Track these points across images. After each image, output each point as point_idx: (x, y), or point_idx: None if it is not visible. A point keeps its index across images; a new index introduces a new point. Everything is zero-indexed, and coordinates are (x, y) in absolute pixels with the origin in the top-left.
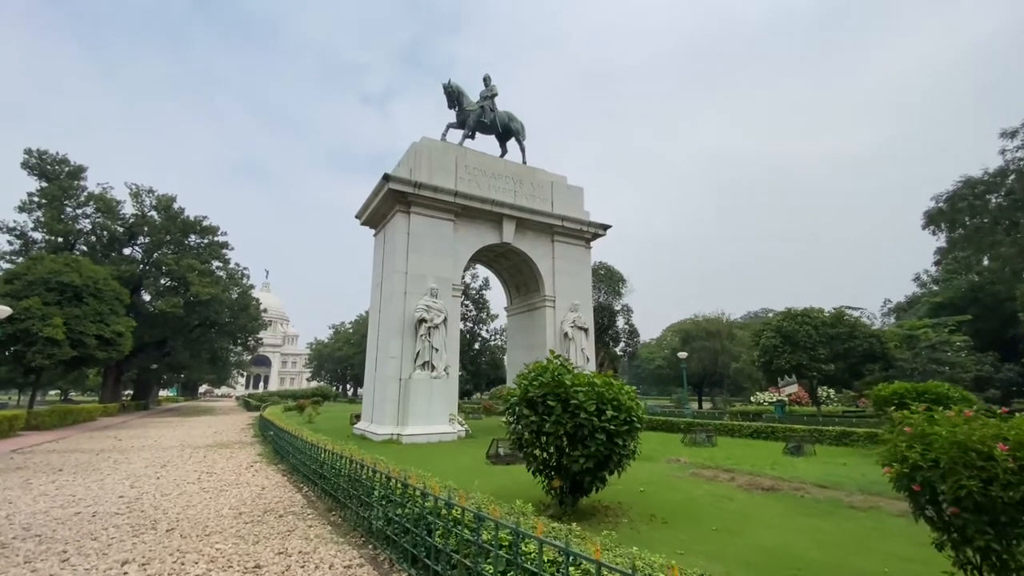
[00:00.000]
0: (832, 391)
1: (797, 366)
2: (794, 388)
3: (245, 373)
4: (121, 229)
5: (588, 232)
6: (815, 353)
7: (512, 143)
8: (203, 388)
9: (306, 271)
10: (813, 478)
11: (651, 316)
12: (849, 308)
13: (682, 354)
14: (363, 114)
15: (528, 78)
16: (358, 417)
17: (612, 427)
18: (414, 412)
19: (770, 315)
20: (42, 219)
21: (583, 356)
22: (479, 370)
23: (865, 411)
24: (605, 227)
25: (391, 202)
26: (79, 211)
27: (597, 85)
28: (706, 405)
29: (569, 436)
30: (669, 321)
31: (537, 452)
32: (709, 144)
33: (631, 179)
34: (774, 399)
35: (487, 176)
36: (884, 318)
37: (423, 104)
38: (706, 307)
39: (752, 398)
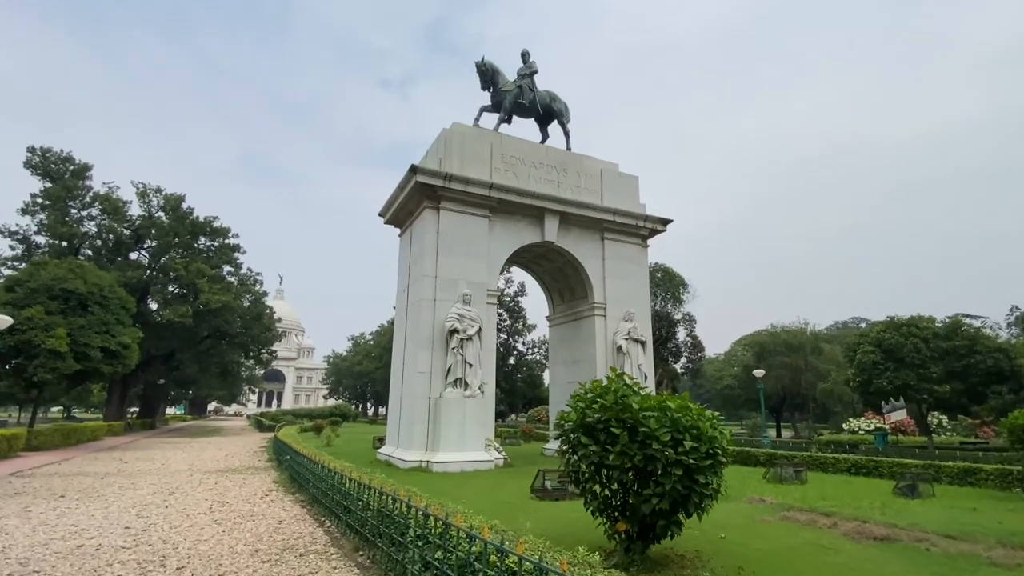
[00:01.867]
0: (944, 417)
1: (902, 387)
2: (902, 414)
3: (257, 389)
4: (127, 232)
5: (644, 228)
6: (925, 371)
7: (554, 127)
8: (212, 405)
9: (323, 277)
10: (937, 526)
11: (715, 327)
12: (967, 317)
13: (758, 372)
14: (384, 101)
15: (561, 54)
16: (382, 440)
17: (691, 461)
18: (446, 436)
19: (863, 325)
20: (45, 222)
21: (640, 373)
22: (514, 388)
23: (989, 442)
24: (665, 221)
25: (418, 197)
26: (84, 212)
27: (637, 60)
28: (786, 433)
29: (638, 471)
30: (737, 332)
31: (598, 489)
32: (770, 124)
33: (678, 165)
34: (872, 426)
35: (526, 165)
36: (1012, 329)
37: (450, 88)
38: (781, 315)
39: (845, 425)
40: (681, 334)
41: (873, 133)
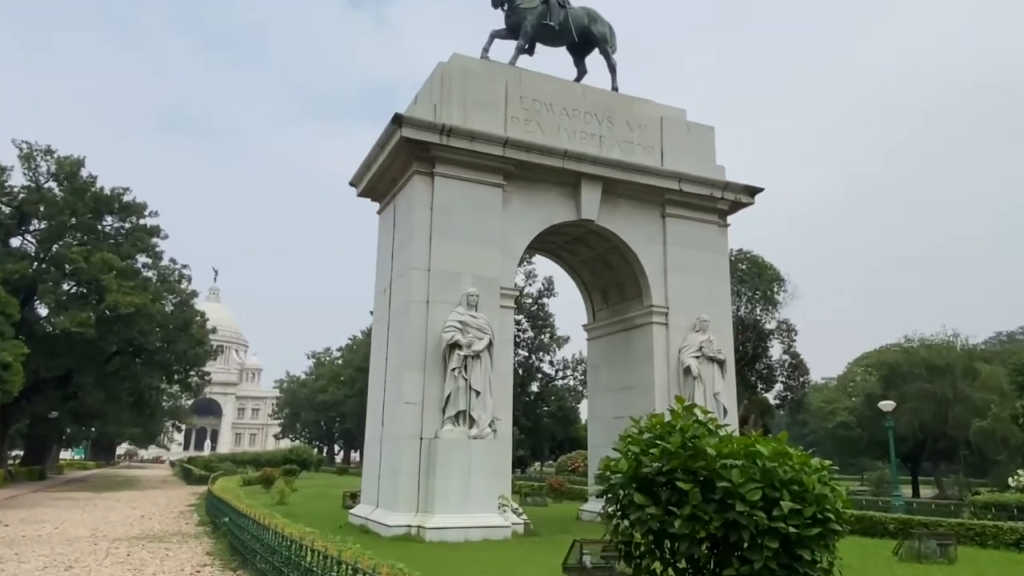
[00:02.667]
0: None
1: None
2: None
3: (184, 426)
4: (7, 209)
5: (724, 200)
6: None
7: (595, 59)
8: (123, 448)
9: (275, 271)
10: None
11: (824, 339)
12: None
13: (886, 404)
14: (354, 25)
15: None
16: (355, 497)
17: (791, 529)
18: (444, 492)
19: None
20: None
21: (718, 405)
22: (539, 426)
23: None
24: (752, 191)
25: (404, 159)
26: None
27: None
28: (927, 491)
29: (715, 542)
30: (855, 348)
31: (658, 567)
32: (907, 53)
33: (769, 114)
34: None
35: (555, 113)
36: None
37: (447, 4)
38: (918, 324)
39: (1012, 480)
40: (775, 350)
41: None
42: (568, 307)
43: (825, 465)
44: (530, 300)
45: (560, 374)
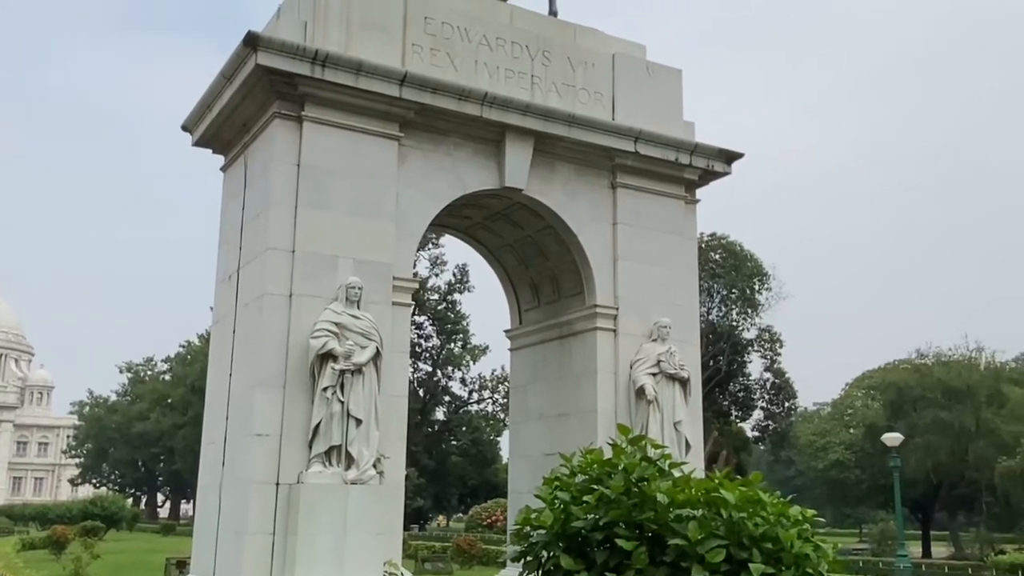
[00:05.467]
0: None
1: None
2: None
3: None
4: None
5: (693, 168)
6: None
7: None
8: None
9: (72, 254)
10: None
11: (817, 353)
12: None
13: (891, 438)
14: None
15: None
16: (184, 567)
17: None
18: (308, 559)
19: None
20: None
21: (677, 438)
22: (445, 467)
23: None
24: (730, 156)
25: (262, 97)
26: None
27: None
28: (940, 549)
29: None
30: (855, 365)
31: None
32: None
33: (754, 62)
34: None
35: (472, 42)
36: None
37: None
38: (933, 335)
39: None
40: (755, 366)
41: None
42: (488, 306)
43: (808, 516)
44: (436, 296)
45: (475, 396)
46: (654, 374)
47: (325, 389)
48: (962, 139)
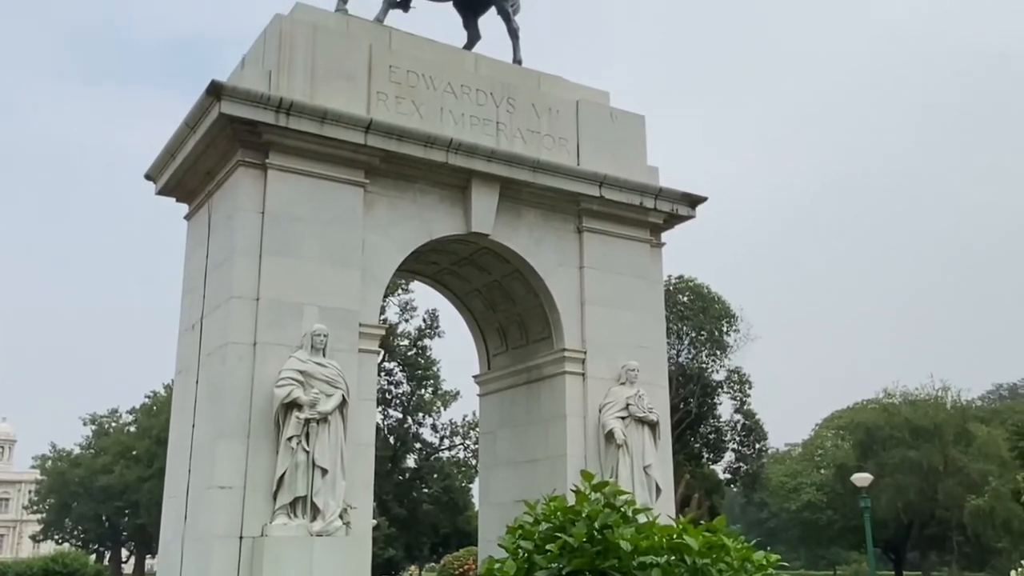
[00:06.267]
0: None
1: None
2: None
3: None
4: None
5: (657, 211)
6: None
7: (491, 18)
8: None
9: (37, 300)
10: None
11: (787, 394)
12: None
13: (861, 478)
14: None
15: None
16: None
17: None
18: None
19: None
20: None
21: (647, 482)
22: (416, 515)
23: None
24: (694, 200)
25: (226, 144)
26: None
27: None
28: None
29: None
30: (824, 405)
31: None
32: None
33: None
34: None
35: (437, 90)
36: None
37: None
38: (901, 373)
39: (1016, 572)
40: (725, 408)
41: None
42: (458, 351)
43: (771, 561)
44: (407, 342)
45: (446, 442)
46: (623, 418)
47: (290, 439)
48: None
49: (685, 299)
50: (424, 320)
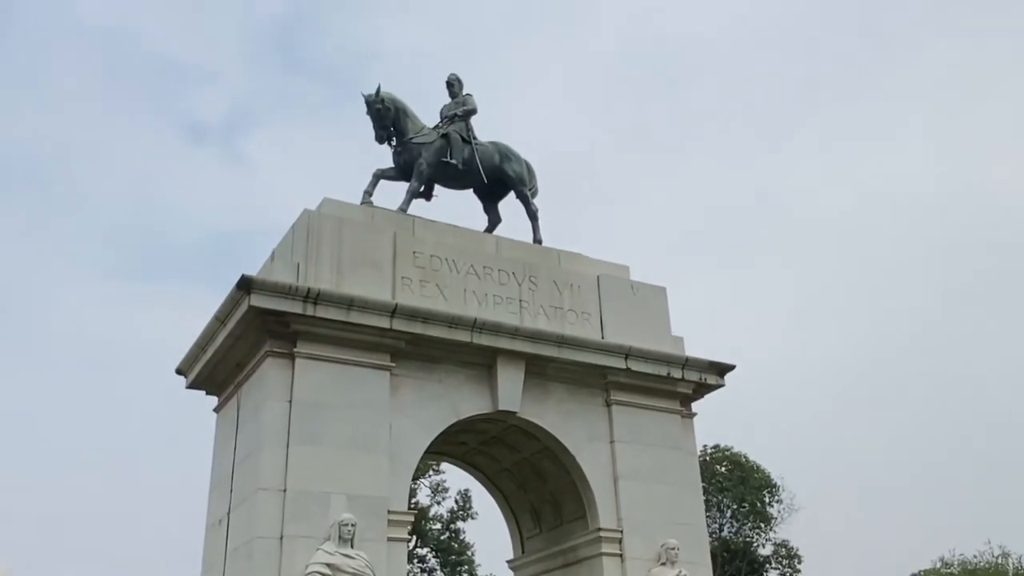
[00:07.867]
0: None
1: None
2: None
3: None
4: None
5: (686, 381)
6: None
7: (511, 203)
8: None
9: (64, 495)
10: None
11: (835, 557)
12: None
13: None
14: (192, 164)
15: (521, 76)
16: None
17: None
18: None
19: None
20: None
21: None
22: None
23: None
24: (722, 368)
25: (255, 336)
26: None
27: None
28: None
29: None
30: (877, 571)
31: None
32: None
33: (734, 268)
34: None
35: (460, 272)
36: None
37: (317, 137)
38: (955, 538)
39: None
40: None
41: None
42: (494, 532)
43: None
44: (439, 525)
45: None
46: None
47: None
48: (952, 337)
49: (723, 469)
50: (456, 501)
